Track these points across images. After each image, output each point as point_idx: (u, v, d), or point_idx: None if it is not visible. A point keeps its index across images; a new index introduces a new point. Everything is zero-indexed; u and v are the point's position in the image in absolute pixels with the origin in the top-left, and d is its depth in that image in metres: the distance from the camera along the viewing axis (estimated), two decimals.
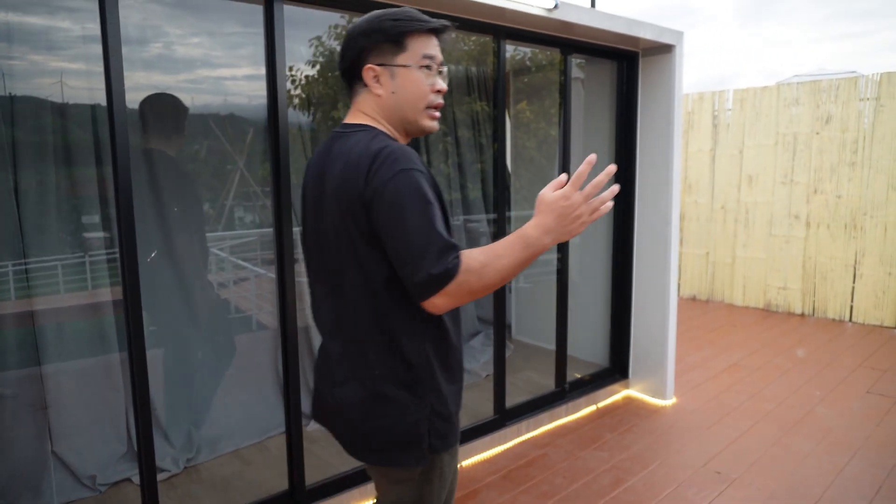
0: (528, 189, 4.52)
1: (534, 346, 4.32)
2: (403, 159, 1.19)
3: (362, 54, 1.31)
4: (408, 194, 1.16)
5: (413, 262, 1.14)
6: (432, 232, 1.14)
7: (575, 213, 1.19)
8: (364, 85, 1.33)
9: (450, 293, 1.14)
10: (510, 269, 1.17)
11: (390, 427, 1.29)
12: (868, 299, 5.53)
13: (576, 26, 3.04)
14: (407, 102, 1.31)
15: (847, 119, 5.53)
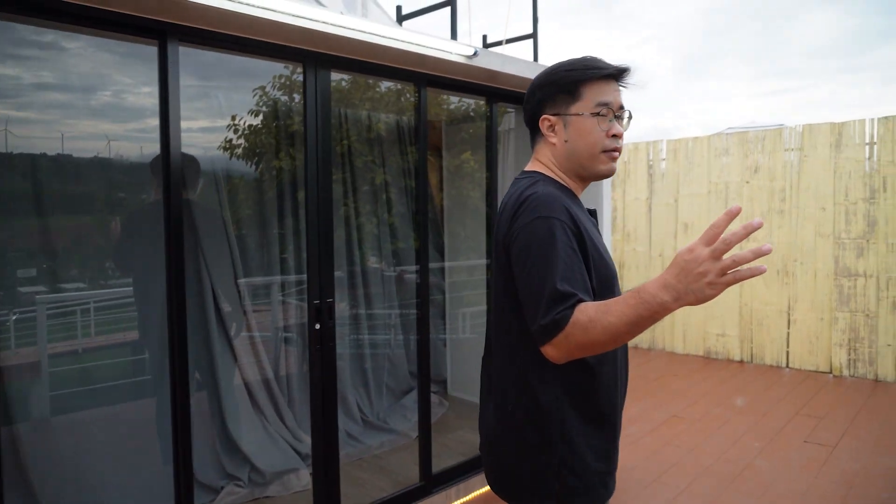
0: (474, 239, 4.42)
1: (471, 403, 4.14)
2: (543, 206, 1.21)
3: (539, 106, 1.36)
4: (536, 241, 1.18)
5: (529, 309, 1.18)
6: (549, 281, 1.14)
7: (698, 269, 1.01)
8: (541, 134, 1.38)
9: (557, 345, 1.14)
10: (619, 326, 1.07)
11: (517, 470, 1.31)
12: (802, 345, 5.58)
13: (500, 75, 3.00)
14: (580, 150, 1.33)
15: (774, 168, 5.70)
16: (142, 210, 2.75)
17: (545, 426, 1.26)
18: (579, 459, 1.27)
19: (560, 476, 1.26)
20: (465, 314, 4.49)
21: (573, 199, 1.34)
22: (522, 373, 1.28)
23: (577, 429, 1.27)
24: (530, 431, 1.28)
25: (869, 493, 3.19)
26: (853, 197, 5.31)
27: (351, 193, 3.67)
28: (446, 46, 2.65)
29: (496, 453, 1.36)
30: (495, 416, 1.36)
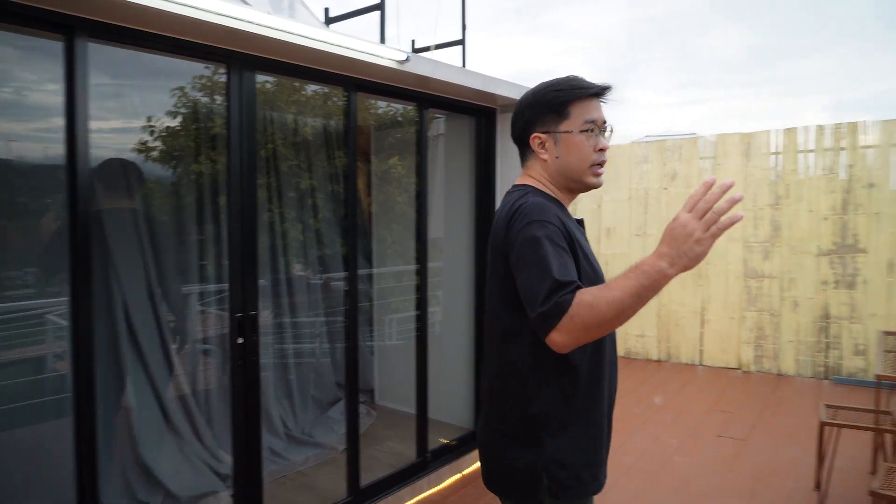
0: (401, 244, 4.37)
1: (399, 413, 4.09)
2: (535, 212, 1.29)
3: (528, 125, 1.43)
4: (532, 243, 1.25)
5: (529, 304, 1.23)
6: (547, 274, 1.20)
7: (684, 231, 1.13)
8: (531, 151, 1.45)
9: (563, 329, 1.17)
10: (623, 298, 1.14)
11: (509, 467, 1.37)
12: (715, 343, 5.89)
13: (431, 80, 2.98)
14: (571, 165, 1.41)
15: (690, 176, 5.98)
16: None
17: (536, 426, 1.34)
18: (568, 455, 1.34)
19: (550, 472, 1.33)
20: (393, 321, 4.44)
21: (562, 210, 1.42)
22: (514, 375, 1.36)
23: (566, 426, 1.34)
24: (522, 430, 1.35)
25: (776, 485, 3.39)
26: (760, 203, 5.65)
27: (276, 199, 3.54)
28: (378, 51, 2.60)
29: (490, 453, 1.43)
30: (487, 417, 1.44)
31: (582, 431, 1.36)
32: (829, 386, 5.27)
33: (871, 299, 5.22)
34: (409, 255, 4.07)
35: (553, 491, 1.33)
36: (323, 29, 2.55)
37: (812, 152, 5.45)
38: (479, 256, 3.74)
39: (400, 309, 4.34)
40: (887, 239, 5.14)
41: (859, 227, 5.25)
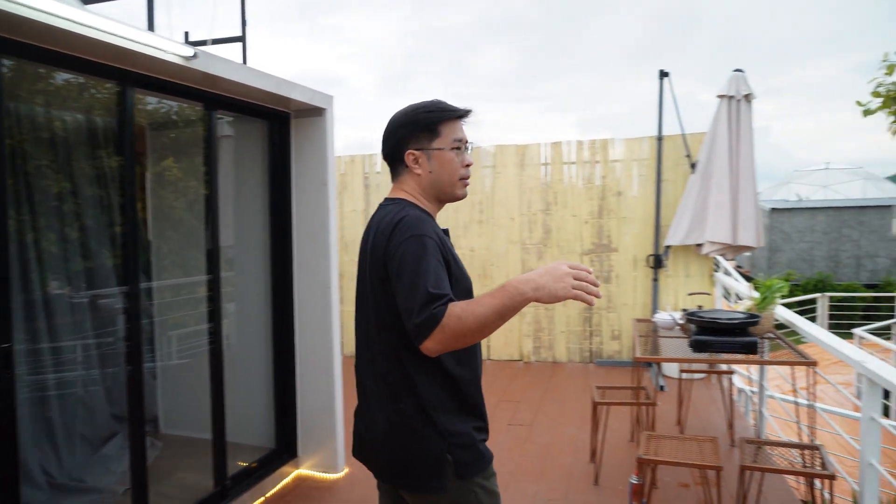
0: (178, 254, 3.97)
1: (190, 440, 3.73)
2: (415, 226, 1.40)
3: (402, 142, 1.54)
4: (410, 255, 1.36)
5: (406, 313, 1.34)
6: (422, 286, 1.32)
7: (561, 275, 1.32)
8: (405, 167, 1.55)
9: (435, 338, 1.30)
10: (488, 314, 1.29)
11: (416, 456, 1.45)
12: (500, 338, 6.37)
13: (221, 80, 2.77)
14: (443, 179, 1.54)
15: (474, 183, 6.39)
16: None
17: (436, 415, 1.45)
18: (465, 436, 1.47)
19: (453, 454, 1.45)
20: (177, 338, 4.04)
21: (433, 222, 1.54)
22: (408, 373, 1.45)
23: (457, 413, 1.48)
24: (420, 422, 1.45)
25: (559, 461, 3.77)
26: (534, 209, 6.26)
27: (25, 205, 3.00)
28: (161, 44, 2.34)
29: (390, 448, 1.49)
30: (384, 414, 1.50)
31: (472, 413, 1.52)
32: (593, 368, 6.03)
33: (622, 291, 6.09)
34: (194, 266, 3.74)
35: (460, 471, 1.45)
36: (82, 10, 2.21)
37: (574, 164, 6.19)
38: (275, 265, 3.58)
39: (186, 324, 3.96)
40: (632, 239, 6.04)
41: (612, 229, 6.09)
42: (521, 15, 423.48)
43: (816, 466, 2.47)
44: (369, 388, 1.55)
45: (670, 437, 2.81)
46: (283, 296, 3.60)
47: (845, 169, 22.36)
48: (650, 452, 2.67)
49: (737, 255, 5.66)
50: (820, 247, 18.51)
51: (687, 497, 3.20)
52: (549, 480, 3.52)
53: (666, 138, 5.85)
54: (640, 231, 6.02)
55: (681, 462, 2.53)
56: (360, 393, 1.60)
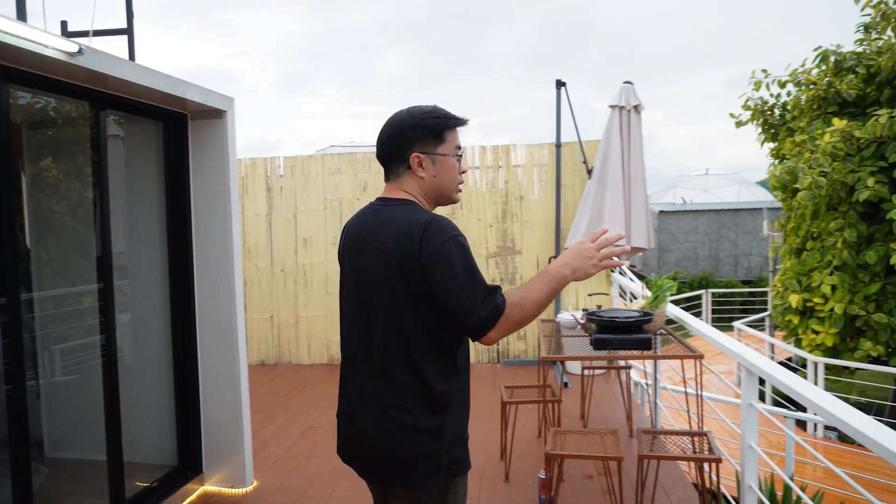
0: (61, 262, 3.68)
1: (82, 462, 3.46)
2: (449, 228, 1.48)
3: (408, 144, 1.56)
4: (458, 257, 1.44)
5: (468, 310, 1.42)
6: (478, 282, 1.44)
7: (588, 254, 1.51)
8: (408, 168, 1.58)
9: (500, 327, 1.44)
10: (541, 297, 1.47)
11: (415, 455, 1.50)
12: None
13: (109, 78, 2.60)
14: (444, 183, 1.61)
15: (379, 187, 6.35)
16: None
17: (439, 414, 1.51)
18: (460, 436, 1.57)
19: (450, 453, 1.52)
20: (58, 352, 3.75)
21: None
22: (418, 373, 1.50)
23: (457, 412, 1.56)
24: (427, 420, 1.50)
25: (472, 461, 3.83)
26: (440, 212, 6.32)
27: None
28: (40, 38, 2.16)
29: (386, 448, 1.52)
30: (377, 414, 1.52)
31: (463, 408, 1.60)
32: (500, 368, 6.18)
33: None
34: (81, 274, 3.49)
35: (453, 468, 1.53)
36: None
37: (478, 169, 6.33)
38: (173, 273, 3.41)
39: (74, 337, 3.68)
40: (534, 242, 6.26)
41: (515, 232, 6.28)
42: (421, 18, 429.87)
43: (705, 451, 2.68)
44: (365, 388, 1.55)
45: (575, 432, 2.94)
46: (183, 304, 3.43)
47: (722, 175, 24.27)
48: (556, 447, 2.79)
49: (631, 256, 6.00)
50: (703, 246, 19.96)
51: (592, 487, 3.36)
52: None
53: (564, 145, 6.11)
54: (542, 234, 6.24)
55: (585, 455, 2.65)
56: (350, 394, 1.60)
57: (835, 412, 1.89)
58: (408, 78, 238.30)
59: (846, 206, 7.22)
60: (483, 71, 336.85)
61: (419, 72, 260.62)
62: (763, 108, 9.15)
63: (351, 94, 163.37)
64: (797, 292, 7.62)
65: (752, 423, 2.48)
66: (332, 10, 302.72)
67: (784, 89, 8.78)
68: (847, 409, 1.89)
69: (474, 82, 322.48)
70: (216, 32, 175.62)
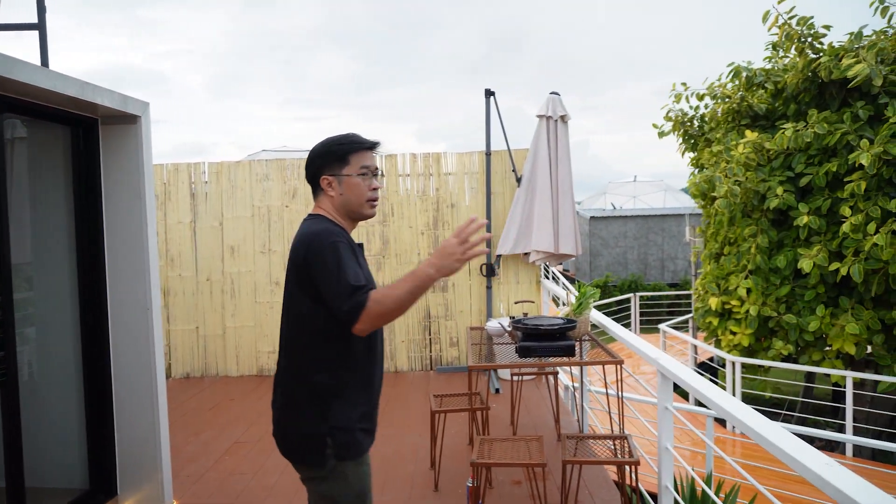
0: None
1: None
2: (330, 235, 1.71)
3: (319, 169, 1.83)
4: (330, 259, 1.66)
5: (336, 305, 1.64)
6: (343, 280, 1.64)
7: (450, 249, 1.63)
8: (321, 189, 1.84)
9: (364, 320, 1.61)
10: (402, 295, 1.62)
11: (296, 434, 1.75)
12: None
13: (8, 81, 2.44)
14: (351, 200, 1.82)
15: (309, 194, 6.26)
16: None
17: (324, 400, 1.72)
18: (347, 422, 1.73)
19: (334, 437, 1.71)
20: None
21: (346, 235, 1.82)
22: (301, 363, 1.75)
23: (342, 399, 1.73)
24: (308, 406, 1.73)
25: (402, 471, 3.82)
26: (371, 220, 6.28)
27: None
28: None
29: (284, 428, 1.78)
30: (282, 398, 1.78)
31: (356, 401, 1.76)
32: (434, 375, 6.18)
33: (459, 299, 6.32)
34: None
35: (338, 452, 1.71)
36: None
37: (409, 176, 6.32)
38: (84, 284, 3.23)
39: None
40: None
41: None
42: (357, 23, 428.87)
43: (626, 454, 2.76)
44: (277, 375, 1.84)
45: (502, 440, 2.97)
46: (94, 317, 3.25)
47: (649, 181, 25.26)
48: (483, 456, 2.80)
49: (559, 262, 6.14)
50: (632, 251, 20.68)
51: (520, 493, 3.40)
52: (392, 490, 3.55)
53: (494, 153, 6.19)
54: (474, 241, 6.29)
55: (510, 463, 2.68)
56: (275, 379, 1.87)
57: (727, 408, 2.01)
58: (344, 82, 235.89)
59: (758, 214, 7.64)
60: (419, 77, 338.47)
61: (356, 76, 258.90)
62: (683, 120, 9.58)
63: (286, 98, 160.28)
64: (716, 295, 8.00)
65: (667, 425, 2.58)
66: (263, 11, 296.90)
67: (702, 102, 9.22)
68: (737, 404, 2.01)
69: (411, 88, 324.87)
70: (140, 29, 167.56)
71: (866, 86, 6.58)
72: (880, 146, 6.13)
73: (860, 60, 6.39)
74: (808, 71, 7.20)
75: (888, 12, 7.48)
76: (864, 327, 6.59)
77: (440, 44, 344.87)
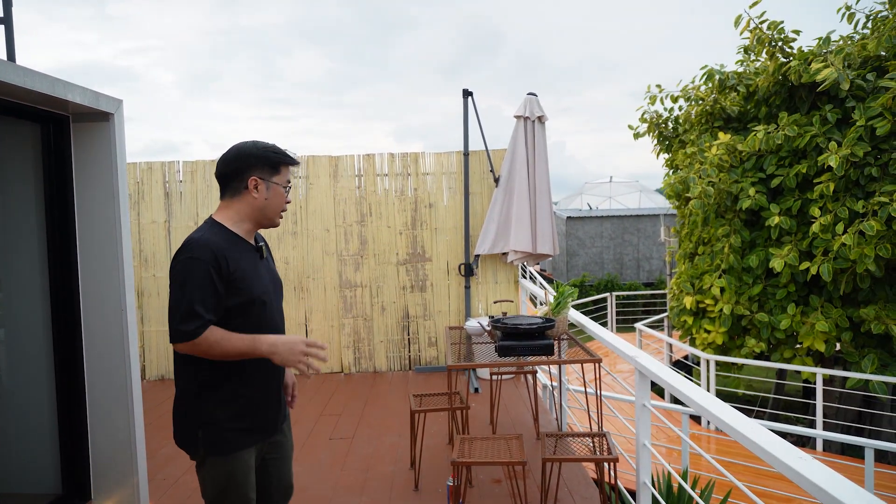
0: None
1: None
2: (195, 249, 1.75)
3: (249, 168, 1.86)
4: (180, 273, 1.74)
5: (172, 317, 1.73)
6: (184, 301, 1.71)
7: (295, 348, 1.77)
8: (244, 188, 1.87)
9: (184, 348, 1.74)
10: (230, 352, 1.74)
11: (180, 428, 1.86)
12: None
13: None
14: (271, 207, 1.91)
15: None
16: None
17: (188, 399, 1.83)
18: (213, 419, 1.81)
19: (204, 430, 1.81)
20: None
21: (238, 241, 1.87)
22: (177, 365, 1.86)
23: (213, 400, 1.81)
24: (181, 401, 1.85)
25: (381, 471, 3.80)
26: (349, 220, 6.26)
27: None
28: None
29: (174, 420, 1.88)
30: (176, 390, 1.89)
31: (232, 403, 1.83)
32: (413, 375, 6.17)
33: (437, 299, 6.32)
34: None
35: (206, 445, 1.80)
36: None
37: (387, 176, 6.31)
38: (55, 285, 3.16)
39: None
40: (444, 248, 6.31)
41: (425, 239, 6.30)
42: (333, 21, 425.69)
43: (604, 452, 2.78)
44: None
45: (482, 439, 2.98)
46: (67, 319, 3.18)
47: (625, 182, 25.54)
48: (463, 455, 2.81)
49: (537, 262, 6.18)
50: (608, 251, 20.88)
51: (500, 491, 3.41)
52: (372, 491, 3.53)
53: (472, 153, 6.21)
54: (451, 241, 6.30)
55: (490, 461, 2.69)
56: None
57: (705, 405, 2.03)
58: (319, 81, 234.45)
59: (731, 214, 7.78)
60: (396, 77, 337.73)
61: (331, 75, 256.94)
62: (658, 121, 9.71)
63: (261, 96, 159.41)
64: (691, 294, 8.12)
65: (645, 423, 2.61)
66: (237, 8, 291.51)
67: (676, 104, 9.35)
68: (715, 401, 2.04)
69: (389, 88, 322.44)
70: (111, 26, 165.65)
71: (834, 89, 6.74)
72: (847, 148, 6.28)
73: (828, 65, 6.54)
74: (778, 74, 7.35)
75: (854, 18, 7.68)
76: (833, 325, 6.75)
77: (416, 43, 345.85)
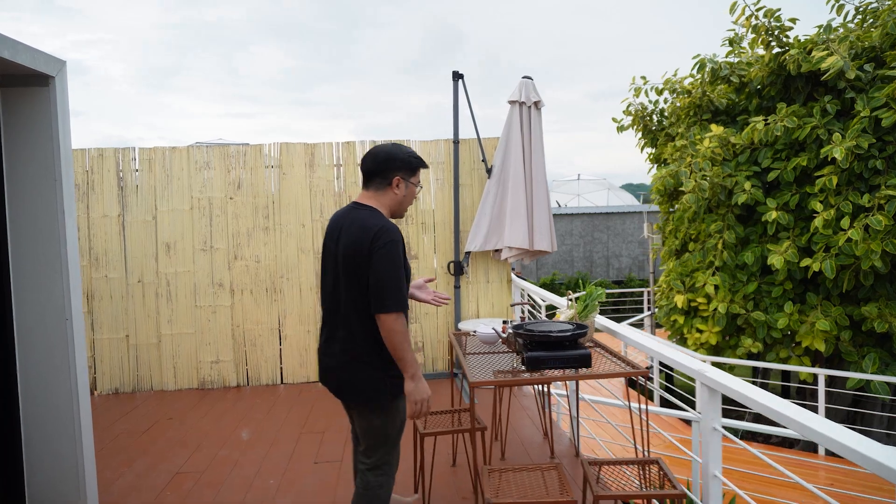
0: None
1: None
2: (393, 233, 2.15)
3: (395, 169, 2.27)
4: (394, 254, 2.13)
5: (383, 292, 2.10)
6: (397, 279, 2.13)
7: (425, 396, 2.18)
8: (388, 185, 2.27)
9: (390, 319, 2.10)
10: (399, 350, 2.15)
11: (366, 380, 2.20)
12: (294, 359, 5.69)
13: None
14: (405, 203, 2.33)
15: (257, 185, 5.62)
16: None
17: (380, 353, 2.19)
18: (395, 368, 2.20)
19: (392, 380, 2.22)
20: None
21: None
22: (367, 325, 2.17)
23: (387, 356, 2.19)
24: (372, 357, 2.20)
25: None
26: (327, 214, 5.69)
27: None
28: None
29: (345, 375, 2.23)
30: (343, 351, 2.22)
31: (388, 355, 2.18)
32: None
33: None
34: None
35: (393, 391, 2.21)
36: None
37: None
38: None
39: None
40: (432, 246, 5.81)
41: (411, 235, 5.79)
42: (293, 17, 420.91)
43: (662, 484, 2.33)
44: (339, 335, 2.22)
45: (511, 470, 2.49)
46: None
47: (592, 180, 25.45)
48: (498, 495, 2.32)
49: (533, 259, 5.74)
50: (578, 249, 20.67)
51: None
52: None
53: (462, 142, 5.73)
54: (439, 237, 5.81)
55: (534, 502, 2.20)
56: (328, 337, 2.28)
57: (818, 429, 1.59)
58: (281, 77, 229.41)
59: (724, 209, 7.49)
60: (358, 75, 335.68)
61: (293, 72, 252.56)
62: (643, 114, 9.40)
63: (220, 92, 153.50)
64: (682, 293, 7.81)
65: (715, 449, 2.18)
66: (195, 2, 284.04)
67: (661, 96, 9.06)
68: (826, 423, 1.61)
69: (350, 86, 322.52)
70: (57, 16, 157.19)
71: (833, 80, 6.50)
72: (852, 140, 6.03)
73: (832, 53, 6.28)
74: (774, 64, 7.09)
75: (843, 10, 7.48)
76: (833, 323, 6.50)
77: (379, 41, 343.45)
